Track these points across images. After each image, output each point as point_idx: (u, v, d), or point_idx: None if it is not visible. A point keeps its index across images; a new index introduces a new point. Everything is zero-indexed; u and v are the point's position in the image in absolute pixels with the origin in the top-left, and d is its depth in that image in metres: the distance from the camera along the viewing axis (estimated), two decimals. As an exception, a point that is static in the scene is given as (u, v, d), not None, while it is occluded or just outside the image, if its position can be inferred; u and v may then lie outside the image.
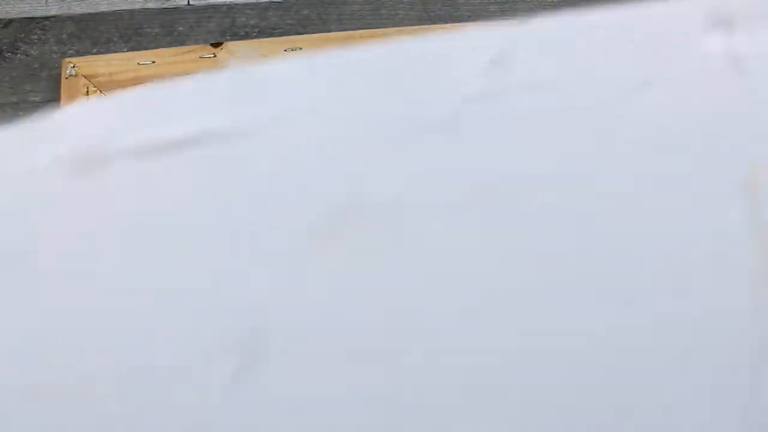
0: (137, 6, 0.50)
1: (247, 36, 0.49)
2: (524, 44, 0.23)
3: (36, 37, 0.49)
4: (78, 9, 0.50)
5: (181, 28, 0.49)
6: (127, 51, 0.48)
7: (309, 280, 0.23)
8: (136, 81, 0.47)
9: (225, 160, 0.23)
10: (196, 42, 0.47)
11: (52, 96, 0.47)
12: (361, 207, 0.25)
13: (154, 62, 0.48)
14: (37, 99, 0.48)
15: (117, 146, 0.24)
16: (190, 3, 0.50)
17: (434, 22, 0.50)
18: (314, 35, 0.48)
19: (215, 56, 0.48)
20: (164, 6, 0.50)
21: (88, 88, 0.48)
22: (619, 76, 0.26)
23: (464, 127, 0.25)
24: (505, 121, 0.26)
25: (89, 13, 0.50)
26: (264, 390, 0.22)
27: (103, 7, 0.50)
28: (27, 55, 0.49)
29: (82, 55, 0.47)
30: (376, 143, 0.25)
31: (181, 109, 0.25)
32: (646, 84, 0.26)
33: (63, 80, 0.48)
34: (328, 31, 0.47)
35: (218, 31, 0.49)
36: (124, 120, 0.24)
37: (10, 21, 0.49)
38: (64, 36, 0.49)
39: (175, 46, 0.47)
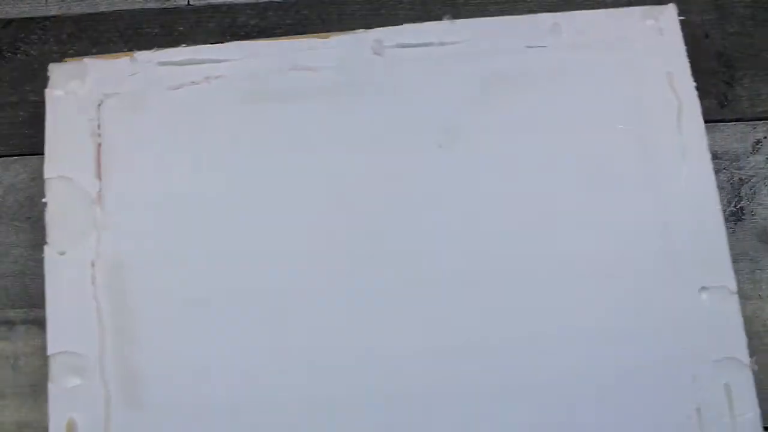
0: (137, 6, 0.50)
1: (247, 36, 0.49)
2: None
3: (36, 37, 0.49)
4: (78, 9, 0.50)
5: (181, 28, 0.49)
6: (127, 51, 0.48)
7: None
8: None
9: None
10: (195, 42, 0.47)
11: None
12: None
13: None
14: (37, 99, 0.48)
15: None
16: (190, 3, 0.50)
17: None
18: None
19: None
20: (164, 6, 0.50)
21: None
22: None
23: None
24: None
25: (89, 13, 0.50)
26: None
27: (103, 7, 0.50)
28: (27, 55, 0.49)
29: (82, 55, 0.47)
30: None
31: None
32: None
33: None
34: (328, 31, 0.47)
35: (218, 31, 0.49)
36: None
37: (10, 21, 0.49)
38: (64, 36, 0.49)
39: (175, 46, 0.47)
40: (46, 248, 0.42)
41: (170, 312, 0.41)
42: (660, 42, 0.46)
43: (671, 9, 0.46)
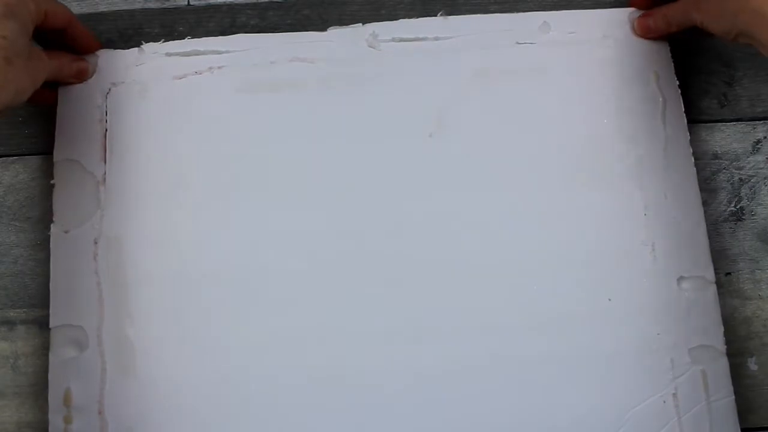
0: (137, 6, 0.50)
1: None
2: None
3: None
4: (78, 9, 0.50)
5: (181, 28, 0.49)
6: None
7: None
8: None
9: None
10: (196, 42, 0.47)
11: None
12: None
13: None
14: (37, 99, 0.48)
15: None
16: (190, 3, 0.50)
17: (434, 22, 0.50)
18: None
19: None
20: (164, 6, 0.50)
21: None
22: None
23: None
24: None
25: (89, 13, 0.50)
26: None
27: (103, 7, 0.50)
28: (27, 55, 0.49)
29: (82, 55, 0.47)
30: None
31: None
32: None
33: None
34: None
35: (218, 31, 0.49)
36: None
37: (10, 21, 0.49)
38: (64, 36, 0.49)
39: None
40: (52, 226, 0.44)
41: (165, 288, 0.43)
42: (646, 41, 0.47)
43: None
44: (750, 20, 0.39)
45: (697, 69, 0.49)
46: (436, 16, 0.48)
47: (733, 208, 0.47)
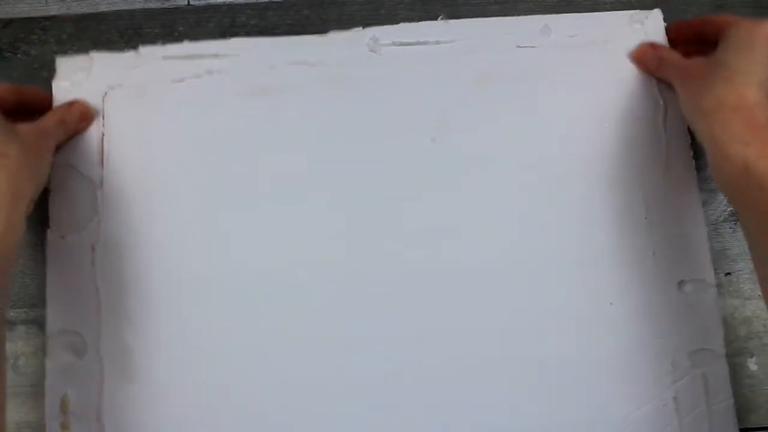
0: (137, 6, 0.50)
1: (246, 36, 0.49)
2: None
3: (36, 37, 0.49)
4: (78, 9, 0.50)
5: (181, 28, 0.49)
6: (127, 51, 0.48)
7: None
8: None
9: None
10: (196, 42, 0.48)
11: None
12: None
13: None
14: (37, 99, 0.48)
15: None
16: (190, 3, 0.50)
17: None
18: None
19: None
20: (164, 6, 0.50)
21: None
22: None
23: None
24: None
25: (89, 13, 0.50)
26: None
27: (103, 7, 0.50)
28: (27, 55, 0.49)
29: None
30: None
31: None
32: None
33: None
34: (327, 31, 0.47)
35: (218, 31, 0.49)
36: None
37: (10, 21, 0.49)
38: (64, 36, 0.49)
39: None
40: (49, 232, 0.44)
41: (164, 294, 0.43)
42: (646, 45, 0.47)
43: (657, 14, 0.48)
44: (702, 117, 0.39)
45: (697, 69, 0.49)
46: (435, 16, 0.48)
47: (732, 209, 0.47)
